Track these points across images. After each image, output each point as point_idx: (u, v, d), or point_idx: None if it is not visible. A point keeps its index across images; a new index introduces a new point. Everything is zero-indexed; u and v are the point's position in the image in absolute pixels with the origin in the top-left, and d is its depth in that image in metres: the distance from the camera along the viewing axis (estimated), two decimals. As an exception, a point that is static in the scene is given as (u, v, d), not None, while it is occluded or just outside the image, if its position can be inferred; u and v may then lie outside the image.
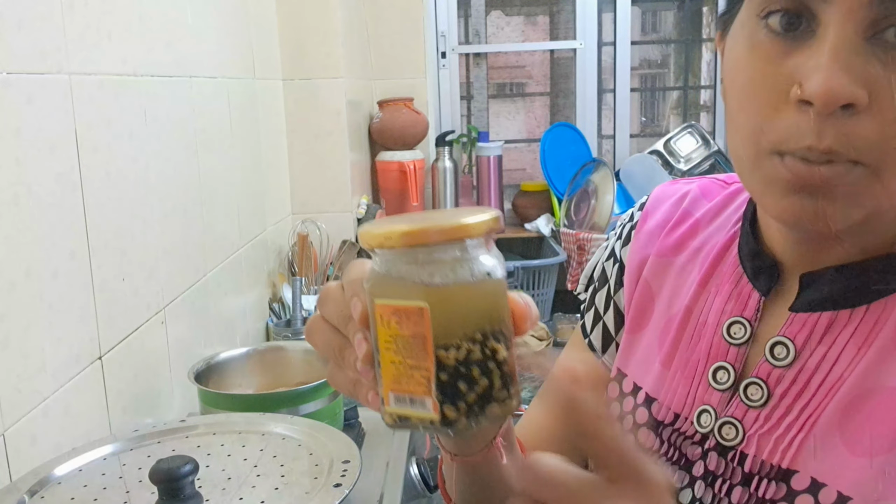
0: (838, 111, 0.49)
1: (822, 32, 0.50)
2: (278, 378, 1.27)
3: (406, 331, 0.43)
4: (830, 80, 0.48)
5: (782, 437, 0.57)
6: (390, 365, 0.44)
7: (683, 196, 0.73)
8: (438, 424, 0.43)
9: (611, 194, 2.45)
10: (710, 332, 0.64)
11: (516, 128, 3.00)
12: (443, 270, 0.42)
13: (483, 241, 0.44)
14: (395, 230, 0.42)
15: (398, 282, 0.43)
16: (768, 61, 0.52)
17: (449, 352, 0.42)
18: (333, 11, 2.06)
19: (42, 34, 0.93)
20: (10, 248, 0.86)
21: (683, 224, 0.71)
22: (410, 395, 0.43)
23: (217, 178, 1.53)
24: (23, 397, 0.87)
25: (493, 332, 0.43)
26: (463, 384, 0.42)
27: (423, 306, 0.42)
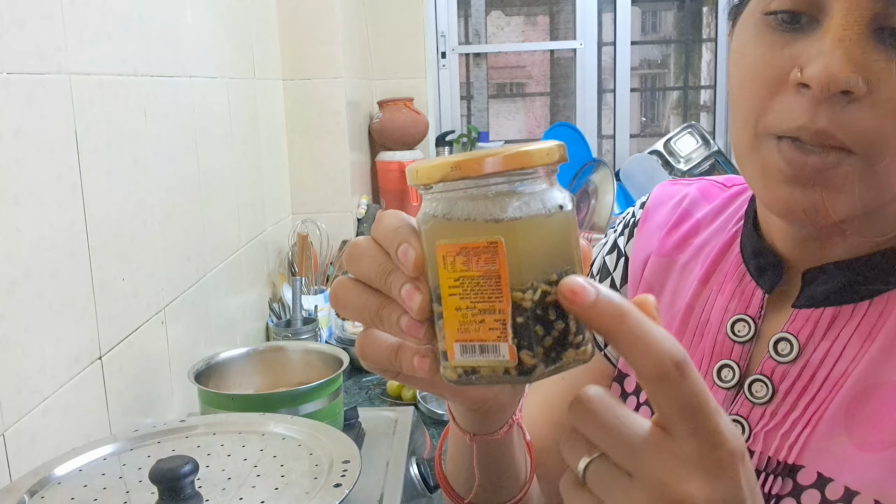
0: (835, 97, 0.49)
1: (826, 22, 0.50)
2: (278, 378, 1.27)
3: (476, 271, 0.39)
4: (831, 66, 0.49)
5: (788, 433, 0.57)
6: (455, 312, 0.40)
7: (683, 197, 0.73)
8: (514, 372, 0.39)
9: (611, 194, 2.45)
10: (713, 330, 0.64)
11: (516, 128, 3.00)
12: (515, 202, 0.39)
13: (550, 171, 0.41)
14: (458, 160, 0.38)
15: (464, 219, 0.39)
16: (772, 48, 0.53)
17: (525, 293, 0.38)
18: (333, 11, 2.06)
19: (42, 34, 0.93)
20: (10, 248, 0.86)
21: (684, 224, 0.72)
22: (481, 342, 0.39)
23: (217, 178, 1.53)
24: (23, 397, 0.87)
25: (567, 271, 0.40)
26: (540, 327, 0.39)
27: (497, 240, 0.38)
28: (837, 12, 0.50)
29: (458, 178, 0.39)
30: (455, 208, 0.40)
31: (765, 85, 0.53)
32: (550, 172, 0.41)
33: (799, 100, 0.51)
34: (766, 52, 0.53)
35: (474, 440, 0.59)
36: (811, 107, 0.50)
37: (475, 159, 0.38)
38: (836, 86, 0.49)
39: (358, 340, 0.47)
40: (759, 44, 0.54)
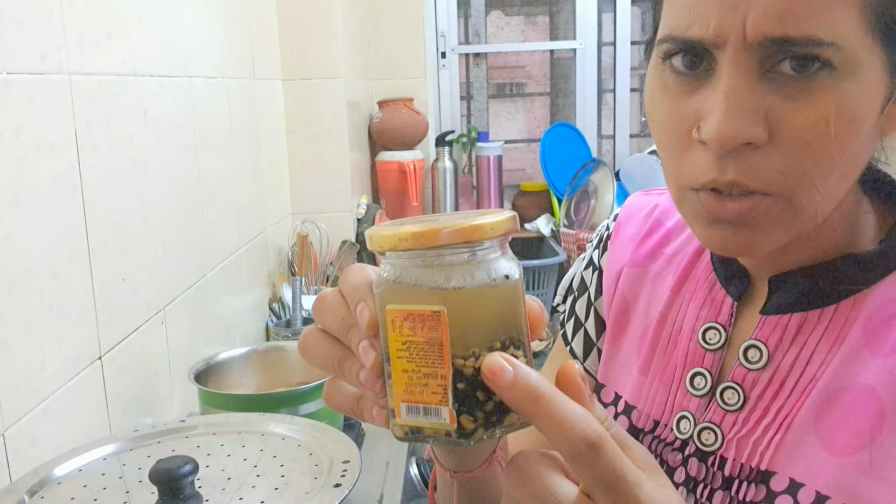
0: (738, 148, 0.50)
1: (718, 72, 0.51)
2: (278, 378, 1.27)
3: (421, 337, 0.41)
4: (724, 124, 0.49)
5: (760, 440, 0.58)
6: (402, 374, 0.42)
7: (654, 208, 0.74)
8: (455, 435, 0.41)
9: (611, 194, 2.45)
10: (685, 338, 0.65)
11: (516, 128, 3.00)
12: (460, 273, 0.41)
13: (500, 242, 0.42)
14: (409, 231, 0.40)
15: (412, 285, 0.41)
16: (674, 100, 0.54)
17: (467, 360, 0.40)
18: (333, 11, 2.06)
19: (42, 34, 0.94)
20: (10, 248, 0.86)
21: (655, 234, 0.73)
22: (424, 404, 0.41)
23: (217, 178, 1.53)
24: (23, 397, 0.87)
25: (511, 339, 0.42)
26: (481, 393, 0.40)
27: (439, 310, 0.40)
28: (725, 64, 0.50)
29: (406, 248, 0.41)
30: (405, 275, 0.42)
31: (674, 142, 0.54)
32: (500, 243, 0.42)
33: (705, 155, 0.52)
34: (670, 105, 0.54)
35: (454, 477, 0.59)
36: (717, 161, 0.51)
37: (425, 232, 0.40)
38: (735, 142, 0.50)
39: (324, 388, 0.50)
40: (663, 98, 0.55)
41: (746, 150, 0.50)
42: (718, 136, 0.50)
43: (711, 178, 0.52)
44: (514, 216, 0.43)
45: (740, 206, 0.52)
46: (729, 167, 0.51)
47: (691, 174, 0.53)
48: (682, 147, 0.54)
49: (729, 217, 0.53)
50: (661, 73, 0.55)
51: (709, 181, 0.52)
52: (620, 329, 0.72)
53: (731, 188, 0.52)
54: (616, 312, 0.73)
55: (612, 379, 0.72)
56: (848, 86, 0.49)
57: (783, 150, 0.50)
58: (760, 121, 0.50)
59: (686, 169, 0.54)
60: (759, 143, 0.50)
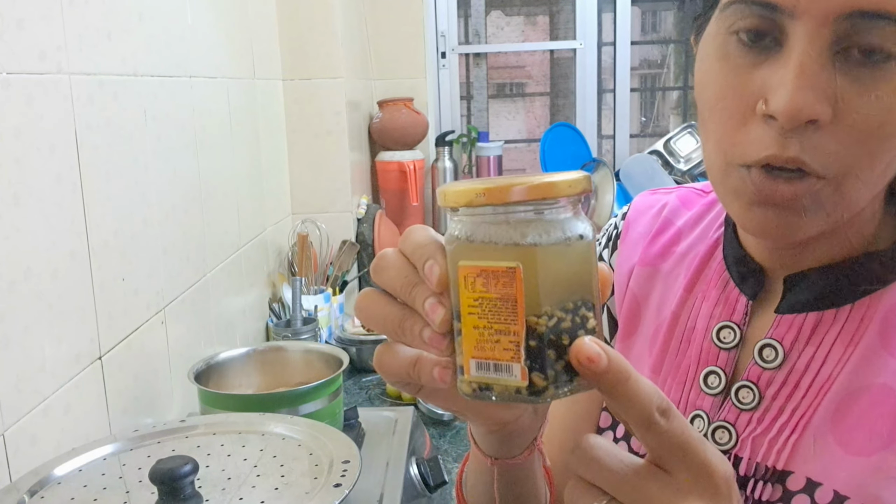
0: (802, 126, 0.49)
1: (788, 47, 0.50)
2: (278, 378, 1.27)
3: (494, 293, 0.40)
4: (795, 98, 0.48)
5: (776, 439, 0.57)
6: (473, 330, 0.41)
7: (663, 206, 0.74)
8: (525, 392, 0.40)
9: (611, 194, 2.45)
10: (699, 337, 0.64)
11: (516, 128, 3.00)
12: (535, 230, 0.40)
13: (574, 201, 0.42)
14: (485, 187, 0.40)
15: (486, 242, 0.41)
16: (736, 73, 0.53)
17: (540, 318, 0.40)
18: (333, 11, 2.06)
19: (42, 34, 0.94)
20: (10, 248, 0.86)
21: (666, 232, 0.72)
22: (496, 361, 0.41)
23: (217, 178, 1.53)
24: (23, 397, 0.87)
25: (583, 299, 0.41)
26: (552, 352, 0.40)
27: (515, 266, 0.39)
28: (799, 37, 0.49)
29: (482, 204, 0.40)
30: (478, 232, 0.41)
31: (732, 115, 0.53)
32: (575, 202, 0.42)
33: (767, 130, 0.51)
34: (730, 79, 0.53)
35: (495, 464, 0.58)
36: (779, 137, 0.50)
37: (501, 187, 0.39)
38: (802, 117, 0.49)
39: (377, 354, 0.48)
40: (723, 69, 0.53)
41: (809, 129, 0.49)
42: (789, 109, 0.48)
43: (772, 153, 0.50)
44: (589, 176, 0.42)
45: (794, 188, 0.51)
46: (790, 144, 0.50)
47: (746, 149, 0.52)
48: (739, 120, 0.53)
49: (780, 199, 0.52)
50: (722, 44, 0.54)
51: (768, 156, 0.51)
52: (632, 328, 0.72)
53: (788, 164, 0.50)
54: (627, 311, 0.72)
55: None
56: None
57: (844, 133, 0.50)
58: (827, 99, 0.49)
59: (741, 143, 0.52)
60: (823, 123, 0.49)
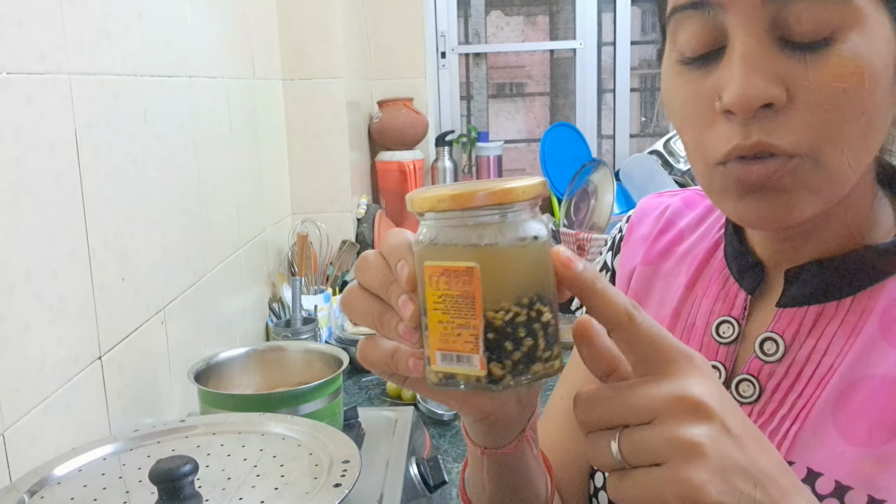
0: (761, 112, 0.51)
1: (730, 45, 0.52)
2: (278, 378, 1.27)
3: (455, 290, 0.44)
4: (743, 86, 0.51)
5: (776, 430, 0.58)
6: (437, 325, 0.45)
7: (666, 208, 0.75)
8: (484, 381, 0.44)
9: (611, 194, 2.45)
10: (699, 332, 0.65)
11: (516, 128, 3.00)
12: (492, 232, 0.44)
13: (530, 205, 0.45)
14: (446, 194, 0.44)
15: (448, 244, 0.45)
16: (692, 83, 0.55)
17: (497, 313, 0.44)
18: (333, 11, 2.06)
19: (42, 34, 0.94)
20: (10, 248, 0.86)
21: (668, 233, 0.73)
22: (458, 352, 0.45)
23: (217, 178, 1.53)
24: (23, 397, 0.87)
25: (539, 295, 0.45)
26: (509, 343, 0.44)
27: (472, 266, 0.43)
28: (736, 30, 0.51)
29: (444, 209, 0.44)
30: (441, 234, 0.45)
31: (696, 122, 0.55)
32: (531, 205, 0.46)
33: (730, 125, 0.53)
34: (687, 90, 0.56)
35: (485, 453, 0.60)
36: (741, 127, 0.52)
37: (461, 194, 0.43)
38: (755, 102, 0.51)
39: (359, 346, 0.52)
40: (680, 84, 0.56)
41: (768, 113, 0.51)
42: (740, 98, 0.51)
43: (736, 143, 0.52)
44: (544, 181, 0.46)
45: (766, 167, 0.52)
46: (753, 131, 0.52)
47: (716, 147, 0.54)
48: (705, 123, 0.55)
49: (756, 180, 0.53)
50: (676, 61, 0.56)
51: (734, 148, 0.53)
52: None
53: (756, 150, 0.52)
54: None
55: None
56: (857, 40, 0.50)
57: (804, 110, 0.51)
58: (778, 81, 0.51)
59: (711, 143, 0.55)
60: (779, 105, 0.51)
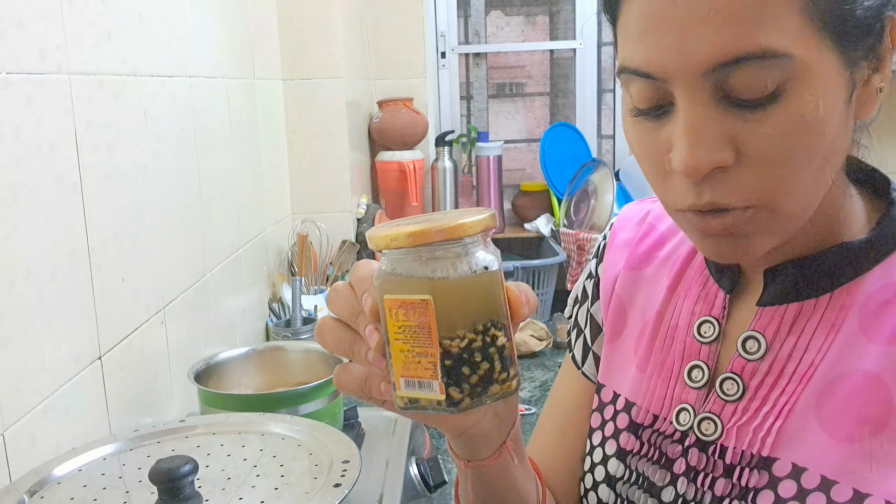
0: (711, 173, 0.52)
1: (677, 111, 0.53)
2: (278, 378, 1.27)
3: (413, 321, 0.47)
4: (689, 156, 0.52)
5: (760, 427, 0.59)
6: (399, 353, 0.48)
7: (647, 213, 0.77)
8: (444, 404, 0.47)
9: (611, 194, 2.45)
10: (682, 333, 0.67)
11: (516, 128, 3.00)
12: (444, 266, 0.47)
13: (480, 238, 0.48)
14: (399, 232, 0.47)
15: (404, 278, 0.47)
16: (645, 133, 0.56)
17: (453, 341, 0.46)
18: (333, 11, 2.06)
19: (42, 34, 0.94)
20: (10, 248, 0.86)
21: (649, 238, 0.75)
22: (419, 379, 0.48)
23: (217, 178, 1.53)
24: (23, 397, 0.87)
25: (492, 321, 0.48)
26: (466, 368, 0.47)
27: (427, 299, 0.46)
28: (681, 100, 0.52)
29: (398, 246, 0.47)
30: (398, 268, 0.48)
31: (654, 171, 0.57)
32: (482, 237, 0.48)
33: (683, 181, 0.54)
34: (642, 140, 0.57)
35: (468, 466, 0.63)
36: (693, 187, 0.53)
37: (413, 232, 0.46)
38: (703, 170, 0.52)
39: (335, 373, 0.55)
40: (636, 133, 0.57)
41: (719, 173, 0.52)
42: (686, 167, 0.52)
43: (690, 202, 0.54)
44: (493, 214, 0.49)
45: (723, 221, 0.54)
46: (705, 191, 0.53)
47: (673, 199, 0.56)
48: (661, 174, 0.56)
49: (716, 230, 0.55)
50: (629, 111, 0.58)
51: (688, 206, 0.54)
52: (618, 330, 0.74)
53: (710, 208, 0.54)
54: (613, 315, 0.75)
55: (611, 379, 0.73)
56: (803, 94, 0.50)
57: (753, 168, 0.52)
58: (725, 145, 0.52)
59: (668, 194, 0.56)
60: (728, 165, 0.52)
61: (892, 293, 0.57)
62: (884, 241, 0.59)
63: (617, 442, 0.69)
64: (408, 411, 0.50)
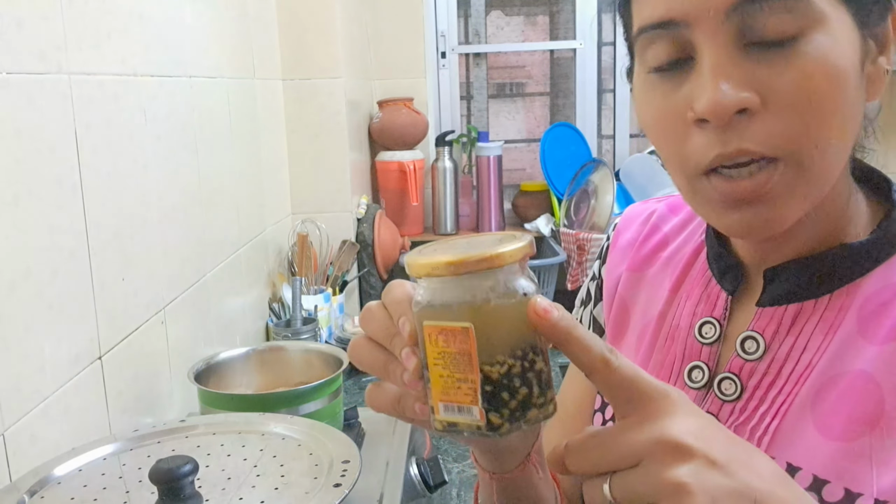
0: (735, 118, 0.52)
1: (700, 57, 0.53)
2: (278, 378, 1.27)
3: (453, 348, 0.47)
4: (715, 94, 0.51)
5: (757, 427, 0.59)
6: (439, 378, 0.48)
7: (651, 213, 0.77)
8: (485, 429, 0.47)
9: (611, 194, 2.45)
10: (683, 334, 0.67)
11: (516, 128, 3.00)
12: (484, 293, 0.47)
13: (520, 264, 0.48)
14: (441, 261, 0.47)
15: (444, 305, 0.48)
16: (664, 97, 0.56)
17: (493, 367, 0.47)
18: (333, 11, 2.06)
19: (42, 34, 0.94)
20: (10, 248, 0.86)
21: (652, 239, 0.75)
22: (458, 404, 0.48)
23: (217, 178, 1.53)
24: (23, 397, 0.87)
25: (531, 346, 0.48)
26: (506, 394, 0.47)
27: (468, 327, 0.46)
28: (705, 45, 0.52)
29: (439, 275, 0.47)
30: (438, 296, 0.48)
31: (672, 135, 0.56)
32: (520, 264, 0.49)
33: (706, 134, 0.53)
34: (660, 103, 0.56)
35: (494, 478, 0.63)
36: (718, 136, 0.53)
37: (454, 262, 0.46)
38: (729, 109, 0.51)
39: (367, 392, 0.55)
40: (653, 98, 0.57)
41: (744, 119, 0.52)
42: (714, 106, 0.51)
43: (717, 152, 0.53)
44: (531, 241, 0.49)
45: (754, 182, 0.53)
46: (731, 138, 0.52)
47: (697, 158, 0.55)
48: (681, 136, 0.55)
49: (746, 195, 0.54)
50: (646, 80, 0.57)
51: (715, 157, 0.53)
52: (620, 331, 0.74)
53: (737, 157, 0.53)
54: (616, 315, 0.75)
55: None
56: (822, 39, 0.51)
57: (779, 113, 0.52)
58: (749, 87, 0.52)
59: (690, 155, 0.55)
60: (753, 109, 0.52)
61: (892, 294, 0.57)
62: (885, 242, 0.59)
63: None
64: (445, 434, 0.50)
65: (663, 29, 0.54)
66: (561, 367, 2.01)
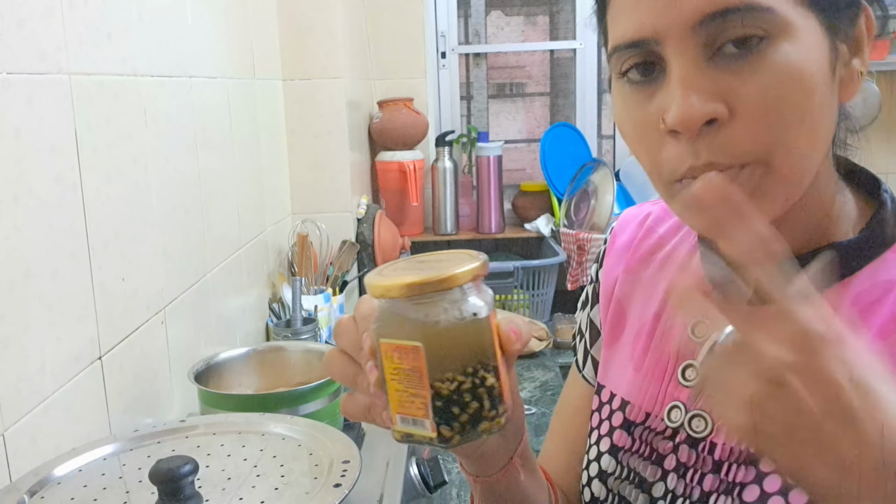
0: (705, 129, 0.53)
1: (669, 71, 0.54)
2: (278, 378, 1.27)
3: (406, 365, 0.50)
4: (683, 106, 0.52)
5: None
6: (395, 392, 0.51)
7: (647, 216, 0.78)
8: (436, 441, 0.50)
9: (611, 194, 2.45)
10: (677, 334, 0.68)
11: (516, 128, 3.00)
12: (435, 314, 0.50)
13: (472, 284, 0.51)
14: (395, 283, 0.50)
15: (398, 324, 0.50)
16: (638, 107, 0.57)
17: (444, 383, 0.50)
18: (333, 11, 2.06)
19: (42, 34, 0.93)
20: (10, 248, 0.86)
21: (648, 240, 0.76)
22: (413, 417, 0.51)
23: (217, 178, 1.53)
24: (23, 397, 0.87)
25: (481, 363, 0.50)
26: (456, 408, 0.50)
27: (418, 345, 0.49)
28: (672, 57, 0.54)
29: (393, 296, 0.50)
30: (392, 316, 0.51)
31: (648, 143, 0.57)
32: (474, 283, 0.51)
33: (678, 145, 0.54)
34: (634, 114, 0.57)
35: (477, 481, 0.65)
36: (689, 146, 0.54)
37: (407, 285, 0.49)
38: (697, 121, 0.52)
39: (342, 402, 0.58)
40: (627, 107, 0.58)
41: (712, 130, 0.53)
42: (682, 118, 0.52)
43: (689, 164, 0.54)
44: (484, 262, 0.51)
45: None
46: (701, 150, 0.53)
47: (670, 167, 0.56)
48: (656, 146, 0.56)
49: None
50: (620, 89, 0.58)
51: (687, 169, 0.55)
52: (617, 332, 0.75)
53: (708, 170, 0.54)
54: (612, 317, 0.76)
55: (609, 379, 0.75)
56: (788, 47, 0.52)
57: (747, 123, 0.53)
58: (717, 98, 0.52)
59: (665, 164, 0.56)
60: (722, 120, 0.53)
61: (881, 293, 0.58)
62: (873, 241, 0.59)
63: (611, 439, 0.71)
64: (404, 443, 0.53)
65: (635, 48, 0.55)
66: (561, 367, 2.01)
